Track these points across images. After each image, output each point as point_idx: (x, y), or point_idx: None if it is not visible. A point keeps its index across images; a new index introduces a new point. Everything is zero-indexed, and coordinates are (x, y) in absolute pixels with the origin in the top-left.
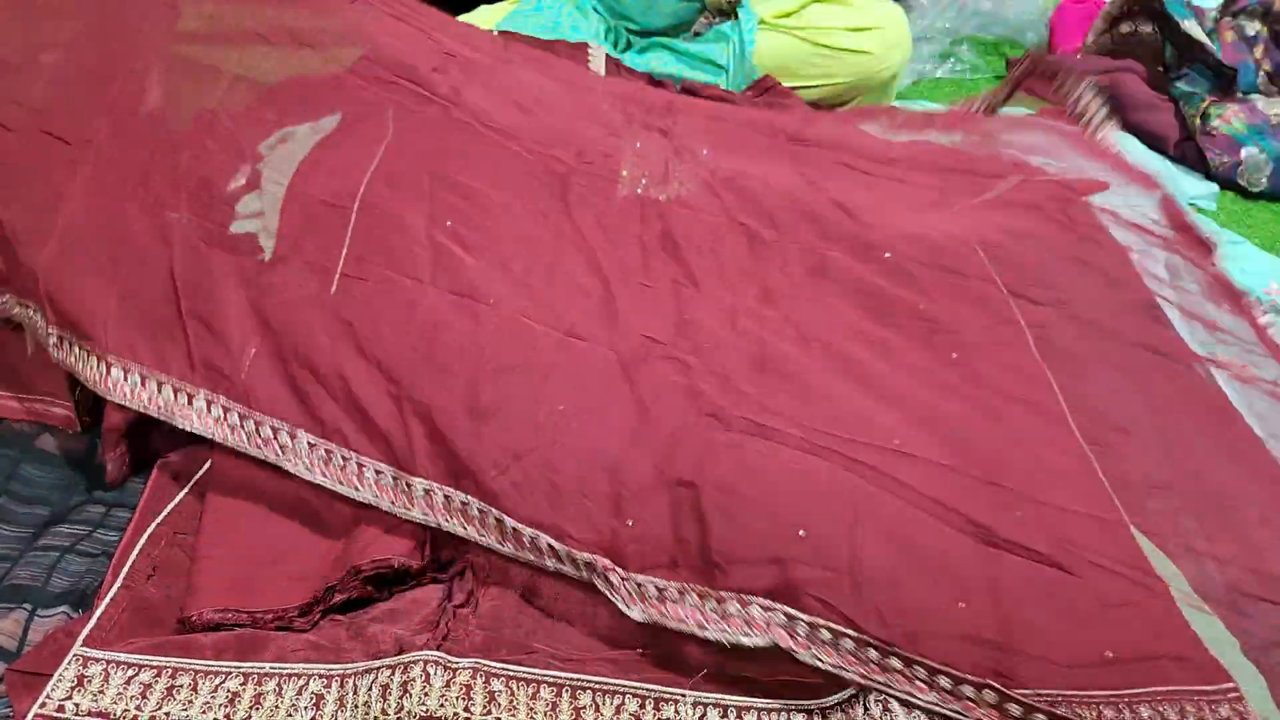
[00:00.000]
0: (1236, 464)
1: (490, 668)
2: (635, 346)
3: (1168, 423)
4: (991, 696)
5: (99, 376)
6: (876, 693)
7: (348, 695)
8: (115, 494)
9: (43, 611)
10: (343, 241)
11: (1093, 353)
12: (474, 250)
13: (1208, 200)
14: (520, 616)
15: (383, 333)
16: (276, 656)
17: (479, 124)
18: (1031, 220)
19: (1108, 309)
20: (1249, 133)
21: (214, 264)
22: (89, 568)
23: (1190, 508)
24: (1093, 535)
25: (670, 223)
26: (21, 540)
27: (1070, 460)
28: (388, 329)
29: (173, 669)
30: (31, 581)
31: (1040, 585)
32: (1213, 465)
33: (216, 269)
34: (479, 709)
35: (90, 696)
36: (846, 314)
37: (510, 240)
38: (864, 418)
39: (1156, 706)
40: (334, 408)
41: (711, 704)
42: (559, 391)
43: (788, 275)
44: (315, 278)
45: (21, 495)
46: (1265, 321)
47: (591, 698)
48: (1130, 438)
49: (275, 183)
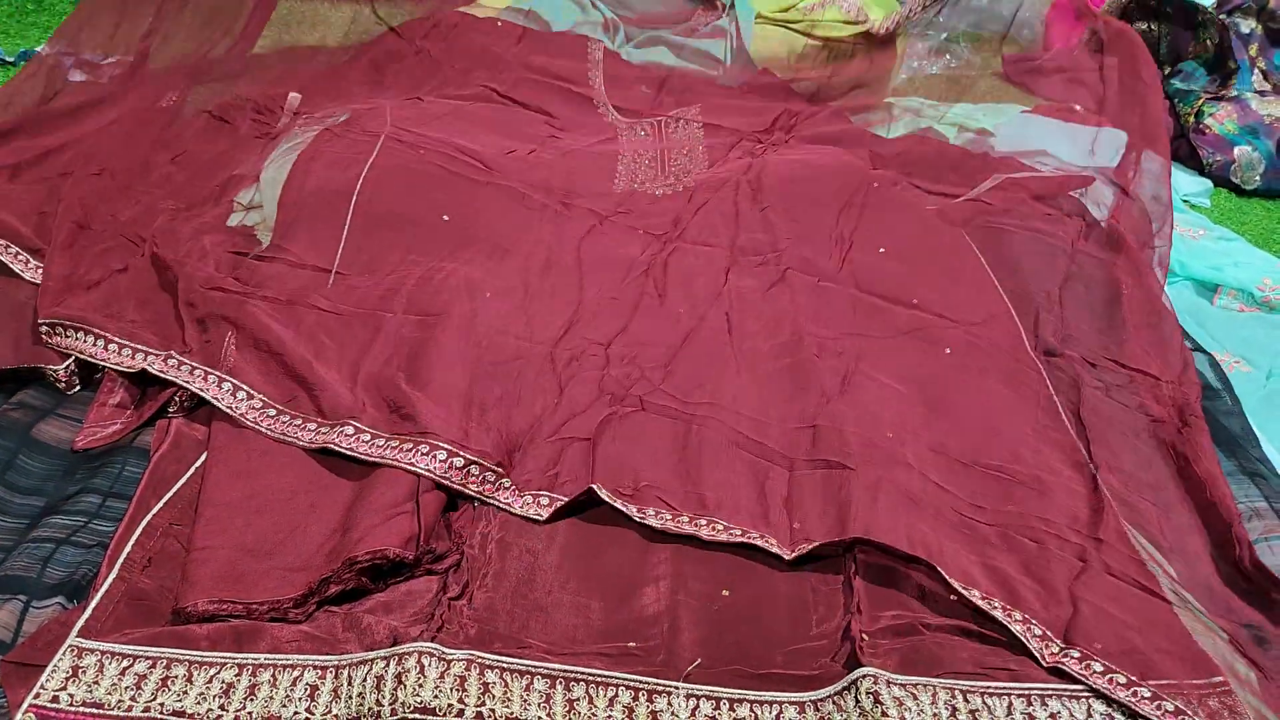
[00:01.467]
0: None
1: (484, 659)
2: (575, 348)
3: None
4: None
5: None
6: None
7: (342, 686)
8: (111, 485)
9: (38, 603)
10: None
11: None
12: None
13: (1201, 197)
14: (514, 609)
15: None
16: (271, 647)
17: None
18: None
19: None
20: (1240, 133)
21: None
22: (84, 558)
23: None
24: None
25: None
26: (17, 531)
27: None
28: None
29: (168, 660)
30: (26, 572)
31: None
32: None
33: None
34: (473, 700)
35: (85, 687)
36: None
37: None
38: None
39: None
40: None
41: (704, 696)
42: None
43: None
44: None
45: (18, 485)
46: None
47: (585, 689)
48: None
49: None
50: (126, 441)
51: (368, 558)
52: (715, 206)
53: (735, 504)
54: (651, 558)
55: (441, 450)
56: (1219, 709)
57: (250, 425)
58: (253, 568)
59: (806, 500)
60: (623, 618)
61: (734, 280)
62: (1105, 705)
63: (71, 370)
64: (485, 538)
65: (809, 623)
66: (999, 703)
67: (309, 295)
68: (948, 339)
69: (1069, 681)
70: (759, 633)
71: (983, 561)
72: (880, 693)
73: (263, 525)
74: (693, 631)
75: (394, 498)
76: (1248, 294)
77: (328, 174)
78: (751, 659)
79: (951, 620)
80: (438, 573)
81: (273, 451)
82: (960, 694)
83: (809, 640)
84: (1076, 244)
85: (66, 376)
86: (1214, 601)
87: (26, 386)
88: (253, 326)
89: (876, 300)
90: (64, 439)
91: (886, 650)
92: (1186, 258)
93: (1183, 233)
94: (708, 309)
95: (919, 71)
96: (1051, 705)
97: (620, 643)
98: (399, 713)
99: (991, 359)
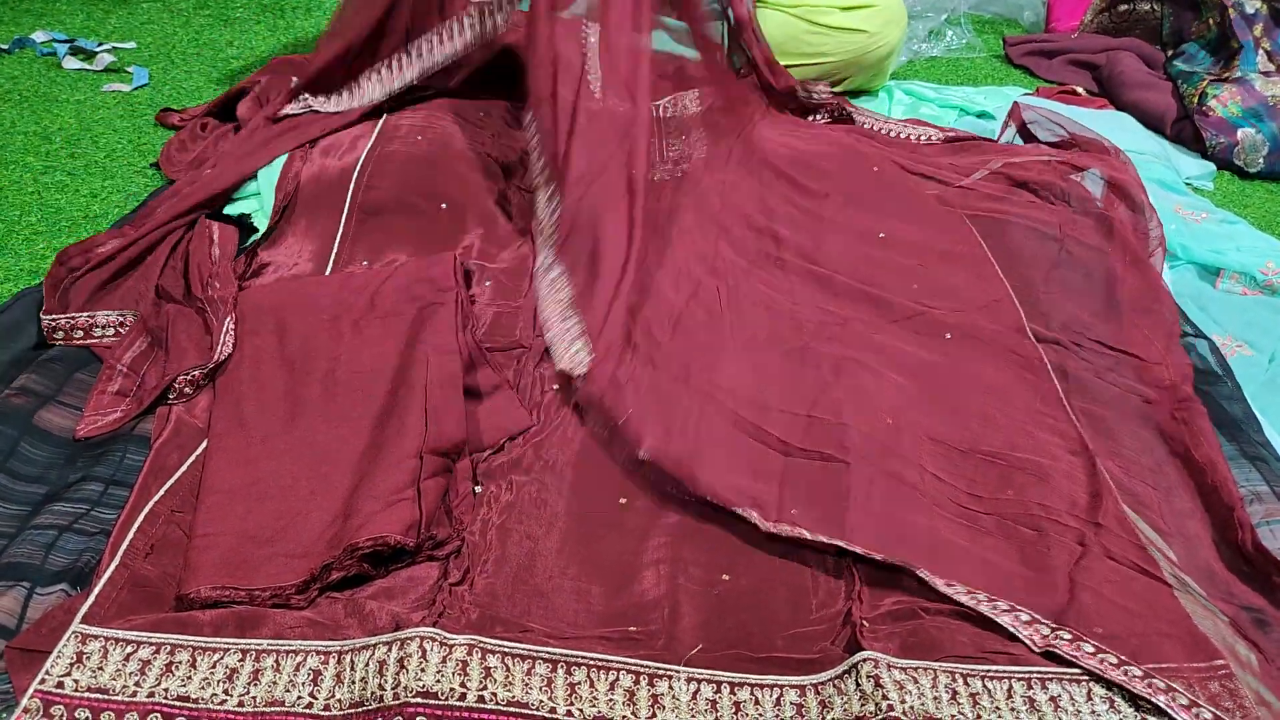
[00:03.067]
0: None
1: (485, 644)
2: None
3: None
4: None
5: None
6: (868, 666)
7: (345, 671)
8: (113, 473)
9: (41, 589)
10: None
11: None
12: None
13: (1205, 180)
14: (515, 594)
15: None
16: (274, 633)
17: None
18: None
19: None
20: (1244, 115)
21: None
22: (87, 545)
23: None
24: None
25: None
26: (19, 518)
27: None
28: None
29: (171, 646)
30: (29, 559)
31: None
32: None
33: None
34: (475, 684)
35: (89, 673)
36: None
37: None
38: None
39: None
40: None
41: (705, 679)
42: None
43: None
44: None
45: (20, 473)
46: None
47: (586, 673)
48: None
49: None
50: (127, 430)
51: (369, 544)
52: (712, 190)
53: (728, 481)
54: (650, 543)
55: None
56: (1220, 692)
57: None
58: (255, 554)
59: (802, 492)
60: (623, 602)
61: (730, 265)
62: (1105, 689)
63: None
64: (486, 524)
65: (809, 607)
66: (999, 686)
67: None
68: (948, 325)
69: (1069, 665)
70: (759, 617)
71: (979, 554)
72: (881, 676)
73: (264, 512)
74: (693, 616)
75: (395, 484)
76: (1250, 277)
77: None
78: (752, 643)
79: (950, 604)
80: (439, 559)
81: (273, 438)
82: (960, 677)
83: (810, 624)
84: (1065, 229)
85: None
86: (1215, 585)
87: (27, 370)
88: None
89: (874, 289)
90: (66, 427)
91: (887, 634)
92: (1189, 241)
93: (1185, 216)
94: (700, 294)
95: (919, 54)
96: (1051, 689)
97: (621, 627)
98: (401, 697)
99: (991, 345)
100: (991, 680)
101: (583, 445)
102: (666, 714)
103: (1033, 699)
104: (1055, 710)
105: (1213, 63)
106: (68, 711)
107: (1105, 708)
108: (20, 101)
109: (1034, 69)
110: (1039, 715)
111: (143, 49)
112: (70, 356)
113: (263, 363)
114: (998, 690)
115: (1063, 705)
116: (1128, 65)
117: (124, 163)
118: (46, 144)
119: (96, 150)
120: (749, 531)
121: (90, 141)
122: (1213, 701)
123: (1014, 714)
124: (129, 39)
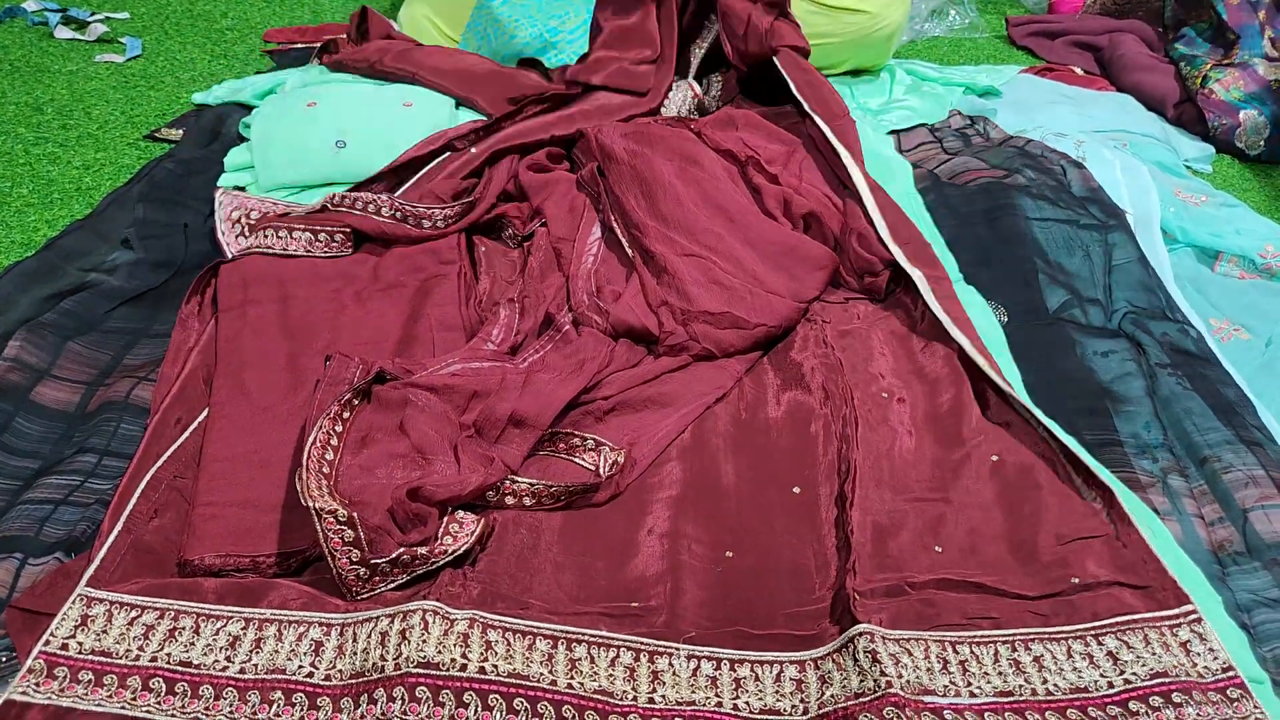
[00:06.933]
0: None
1: (487, 619)
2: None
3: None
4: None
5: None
6: (864, 640)
7: (347, 643)
8: (107, 443)
9: (34, 560)
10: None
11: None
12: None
13: (1203, 163)
14: (516, 572)
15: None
16: (278, 603)
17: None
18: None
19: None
20: (1246, 98)
21: None
22: (82, 516)
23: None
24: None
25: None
26: (10, 493)
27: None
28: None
29: (175, 612)
30: (23, 532)
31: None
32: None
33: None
34: (475, 655)
35: (94, 636)
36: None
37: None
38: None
39: (1120, 637)
40: None
41: (705, 656)
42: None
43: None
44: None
45: (14, 448)
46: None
47: (587, 650)
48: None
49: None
50: (122, 400)
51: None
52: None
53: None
54: (651, 520)
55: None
56: (1190, 638)
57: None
58: (257, 521)
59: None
60: (625, 579)
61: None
62: (1083, 646)
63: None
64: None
65: (811, 587)
66: (986, 651)
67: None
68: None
69: (1049, 625)
70: (762, 595)
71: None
72: (877, 650)
73: (266, 480)
74: (695, 593)
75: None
76: (1249, 261)
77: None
78: (754, 620)
79: (936, 575)
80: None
81: (273, 408)
82: (950, 645)
83: (812, 604)
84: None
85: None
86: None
87: (16, 339)
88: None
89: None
90: (62, 400)
91: (879, 608)
92: (1188, 224)
93: (1185, 199)
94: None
95: (922, 34)
96: (1035, 649)
97: (623, 602)
98: (403, 667)
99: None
100: (979, 646)
101: None
102: (667, 689)
103: (1017, 660)
104: (1039, 670)
105: (1211, 49)
106: (71, 673)
107: (1085, 664)
108: (11, 72)
109: (1036, 50)
110: (1024, 676)
111: (136, 19)
112: (60, 325)
113: (265, 332)
114: (985, 655)
115: (1045, 664)
116: (1129, 48)
117: (117, 134)
118: (38, 115)
119: (89, 121)
120: (753, 509)
121: (83, 113)
122: (1184, 648)
123: (1001, 678)
124: (122, 9)
